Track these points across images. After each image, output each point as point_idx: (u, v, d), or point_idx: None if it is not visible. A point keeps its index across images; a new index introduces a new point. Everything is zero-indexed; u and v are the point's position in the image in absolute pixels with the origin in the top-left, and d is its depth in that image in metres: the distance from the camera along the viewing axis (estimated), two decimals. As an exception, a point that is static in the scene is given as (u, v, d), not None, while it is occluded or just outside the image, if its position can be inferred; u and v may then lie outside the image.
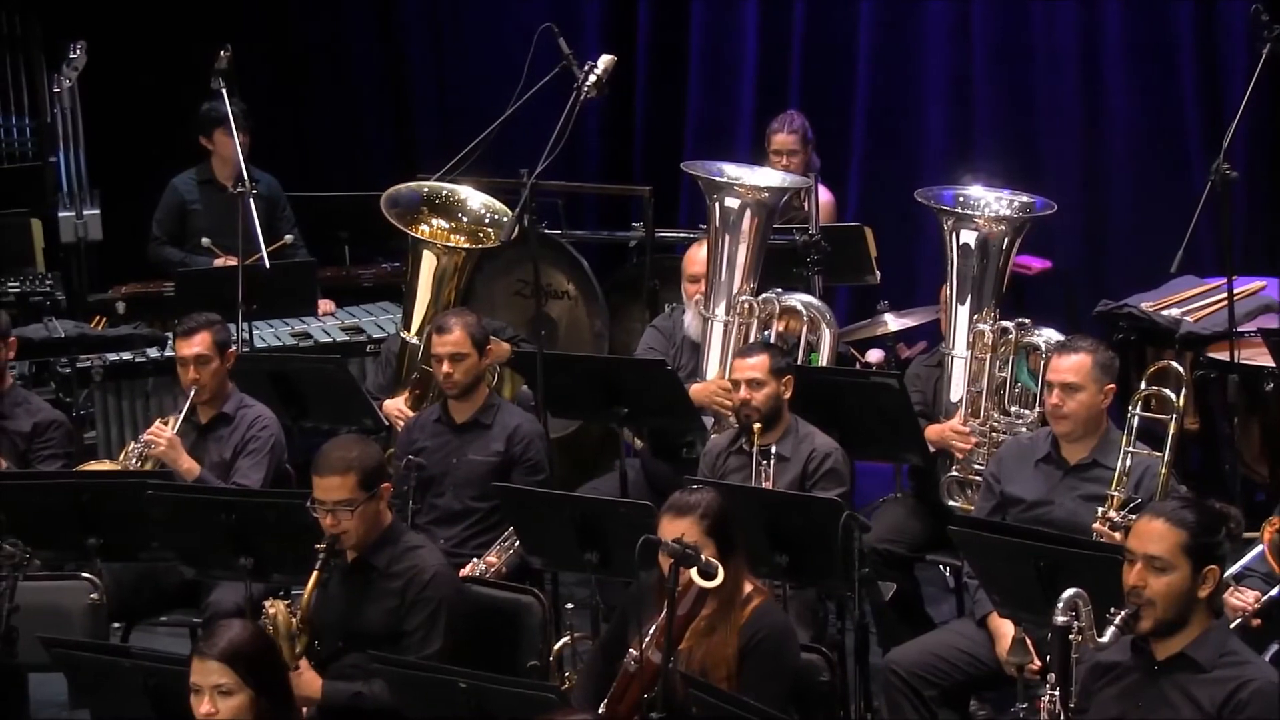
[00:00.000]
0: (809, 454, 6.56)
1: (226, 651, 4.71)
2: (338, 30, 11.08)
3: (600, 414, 7.33)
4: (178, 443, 6.96)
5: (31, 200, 9.54)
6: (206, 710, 4.70)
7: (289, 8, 11.08)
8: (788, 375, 6.61)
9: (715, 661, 5.30)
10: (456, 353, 6.89)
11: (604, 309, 8.72)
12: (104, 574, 6.42)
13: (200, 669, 4.73)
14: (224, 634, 4.78)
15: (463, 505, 6.90)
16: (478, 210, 7.89)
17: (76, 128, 9.81)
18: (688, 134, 10.11)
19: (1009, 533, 5.59)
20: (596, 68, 7.25)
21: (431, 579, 5.73)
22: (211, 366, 7.07)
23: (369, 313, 9.02)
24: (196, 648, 4.80)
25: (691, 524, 5.27)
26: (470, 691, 5.02)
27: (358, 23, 11.08)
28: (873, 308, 8.32)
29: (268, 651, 4.92)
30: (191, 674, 4.75)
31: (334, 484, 5.69)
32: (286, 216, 9.21)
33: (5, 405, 7.22)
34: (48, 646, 5.46)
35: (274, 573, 6.19)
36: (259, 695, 4.72)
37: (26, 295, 9.02)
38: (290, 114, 10.86)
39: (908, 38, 9.64)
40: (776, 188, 7.45)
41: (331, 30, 11.08)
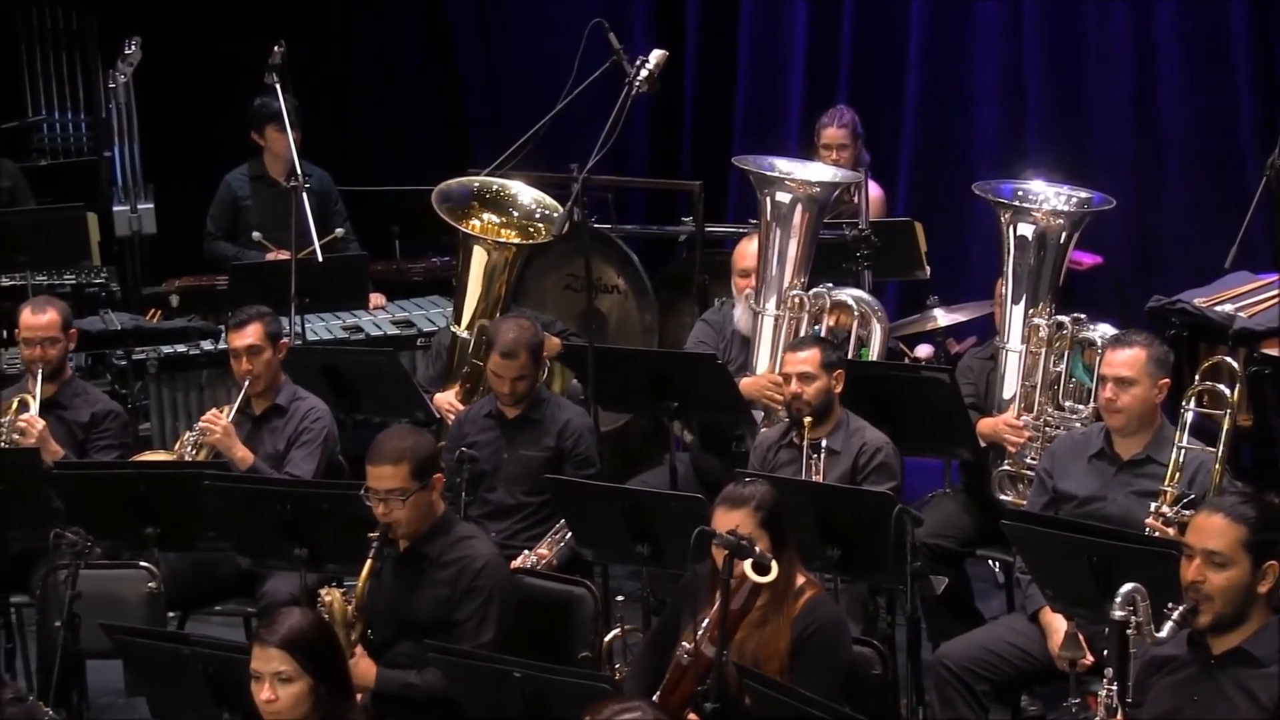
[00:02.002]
0: (860, 448, 6.56)
1: (287, 639, 4.75)
2: (389, 26, 11.13)
3: (650, 408, 7.35)
4: (232, 430, 7.01)
5: (87, 194, 9.59)
6: (267, 697, 4.74)
7: (340, 4, 11.13)
8: (838, 369, 6.62)
9: (767, 654, 5.31)
10: (521, 375, 6.93)
11: (653, 303, 8.74)
12: (160, 563, 6.48)
13: (261, 656, 4.77)
14: (284, 621, 4.83)
15: (514, 500, 6.94)
16: (528, 205, 7.93)
17: (131, 123, 9.88)
18: (736, 129, 10.13)
19: (1063, 527, 5.59)
20: (648, 63, 7.28)
21: (483, 568, 5.78)
22: (263, 357, 7.11)
23: (419, 306, 9.07)
24: (257, 635, 4.84)
25: (746, 516, 5.29)
26: (524, 681, 5.06)
27: (409, 18, 11.13)
28: (922, 303, 8.31)
29: (327, 639, 4.96)
30: (252, 661, 4.79)
31: (387, 473, 5.74)
32: (338, 211, 9.27)
33: (64, 395, 7.30)
34: (109, 633, 5.53)
35: (328, 563, 6.25)
36: (318, 682, 4.76)
37: (82, 288, 9.07)
38: (341, 109, 10.91)
39: (959, 32, 9.62)
40: (828, 182, 7.45)
41: (382, 26, 11.13)
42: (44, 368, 7.19)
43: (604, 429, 7.64)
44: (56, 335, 7.25)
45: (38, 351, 7.21)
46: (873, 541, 5.85)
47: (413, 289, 9.36)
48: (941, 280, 8.59)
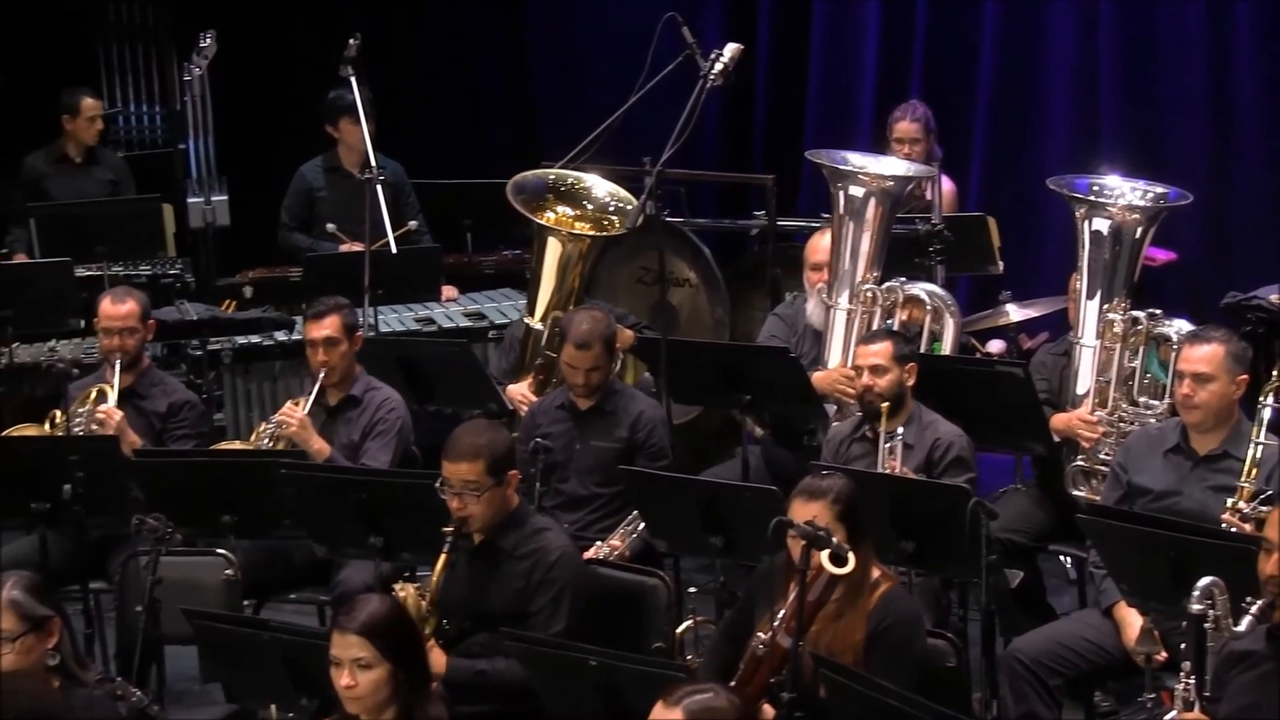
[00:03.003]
0: (934, 442, 6.56)
1: (366, 625, 4.79)
2: (463, 19, 11.18)
3: (723, 401, 7.38)
4: (308, 423, 7.07)
5: (162, 186, 9.69)
6: (347, 683, 4.78)
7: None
8: (911, 362, 6.62)
9: (842, 646, 5.32)
10: (595, 366, 6.97)
11: (725, 297, 8.75)
12: (236, 551, 6.52)
13: (340, 642, 4.81)
14: (364, 608, 4.87)
15: (587, 490, 6.97)
16: (602, 198, 7.95)
17: (206, 115, 9.96)
18: (808, 123, 10.13)
19: (1140, 522, 5.58)
20: (723, 56, 7.29)
21: (557, 560, 5.81)
22: (340, 349, 7.17)
23: (491, 299, 9.11)
24: (336, 622, 4.88)
25: (823, 508, 5.30)
26: (600, 670, 5.07)
27: (482, 11, 11.17)
28: (994, 298, 8.30)
29: (406, 626, 5.00)
30: (332, 647, 4.83)
31: (462, 469, 5.77)
32: (411, 203, 9.32)
33: (142, 385, 7.36)
34: (189, 618, 5.58)
35: (403, 552, 6.29)
36: (397, 668, 4.80)
37: (157, 278, 9.15)
38: (414, 102, 10.96)
39: (1033, 26, 9.60)
40: (901, 176, 7.45)
41: (456, 19, 11.18)
42: (122, 358, 7.25)
43: (675, 422, 7.64)
44: (135, 326, 7.32)
45: (116, 341, 7.28)
46: (947, 535, 5.85)
47: (484, 281, 9.41)
48: (1012, 275, 8.57)
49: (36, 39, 10.63)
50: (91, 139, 9.82)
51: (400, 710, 4.82)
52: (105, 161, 9.99)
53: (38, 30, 10.71)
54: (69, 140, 9.83)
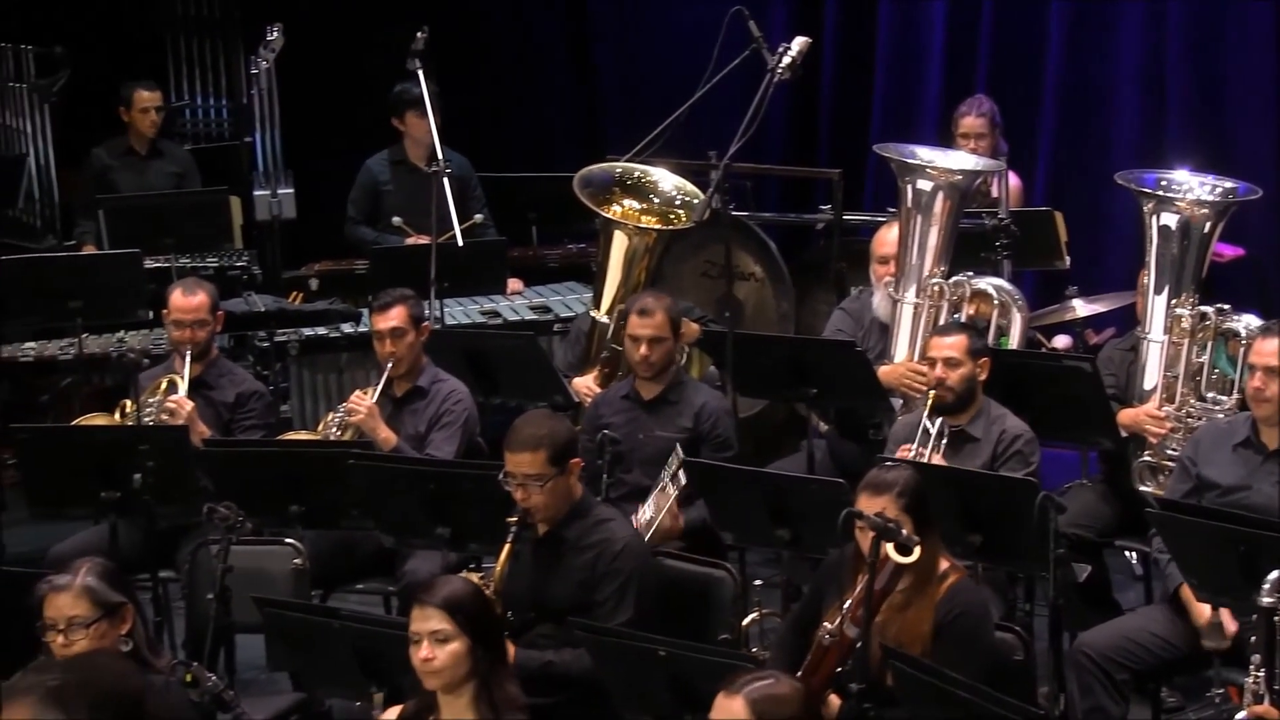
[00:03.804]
0: (999, 435, 6.55)
1: (446, 599, 4.82)
2: (527, 12, 11.21)
3: (789, 394, 7.38)
4: (376, 412, 7.10)
5: (228, 179, 9.75)
6: (425, 655, 4.80)
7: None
8: (984, 356, 6.61)
9: (910, 638, 5.32)
10: (657, 336, 6.97)
11: (790, 291, 8.75)
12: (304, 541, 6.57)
13: (420, 616, 4.83)
14: (443, 585, 4.93)
15: (650, 481, 6.95)
16: (669, 192, 7.96)
17: (273, 109, 10.02)
18: (874, 117, 10.12)
19: (1210, 516, 5.56)
20: (791, 50, 7.30)
21: (622, 550, 5.82)
22: (406, 340, 7.21)
23: (556, 292, 9.15)
24: (416, 598, 4.90)
25: (890, 501, 5.30)
26: (669, 660, 5.08)
27: (547, 5, 11.20)
28: (1060, 293, 8.27)
29: (484, 603, 5.02)
30: (411, 624, 4.85)
31: (525, 459, 5.79)
32: (477, 196, 9.36)
33: (211, 376, 7.42)
34: (260, 606, 5.62)
35: (470, 542, 6.31)
36: (475, 644, 4.82)
37: (224, 270, 9.20)
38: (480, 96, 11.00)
39: (1100, 22, 9.56)
40: (970, 170, 7.44)
41: (521, 12, 11.21)
42: (192, 349, 7.31)
43: (740, 415, 7.65)
44: (205, 317, 7.37)
45: (187, 333, 7.33)
46: (1014, 528, 5.84)
47: (549, 275, 9.46)
48: (1079, 271, 8.55)
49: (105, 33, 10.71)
50: (147, 130, 9.87)
51: (478, 686, 4.83)
52: (170, 154, 10.06)
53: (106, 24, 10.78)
54: (132, 133, 9.91)
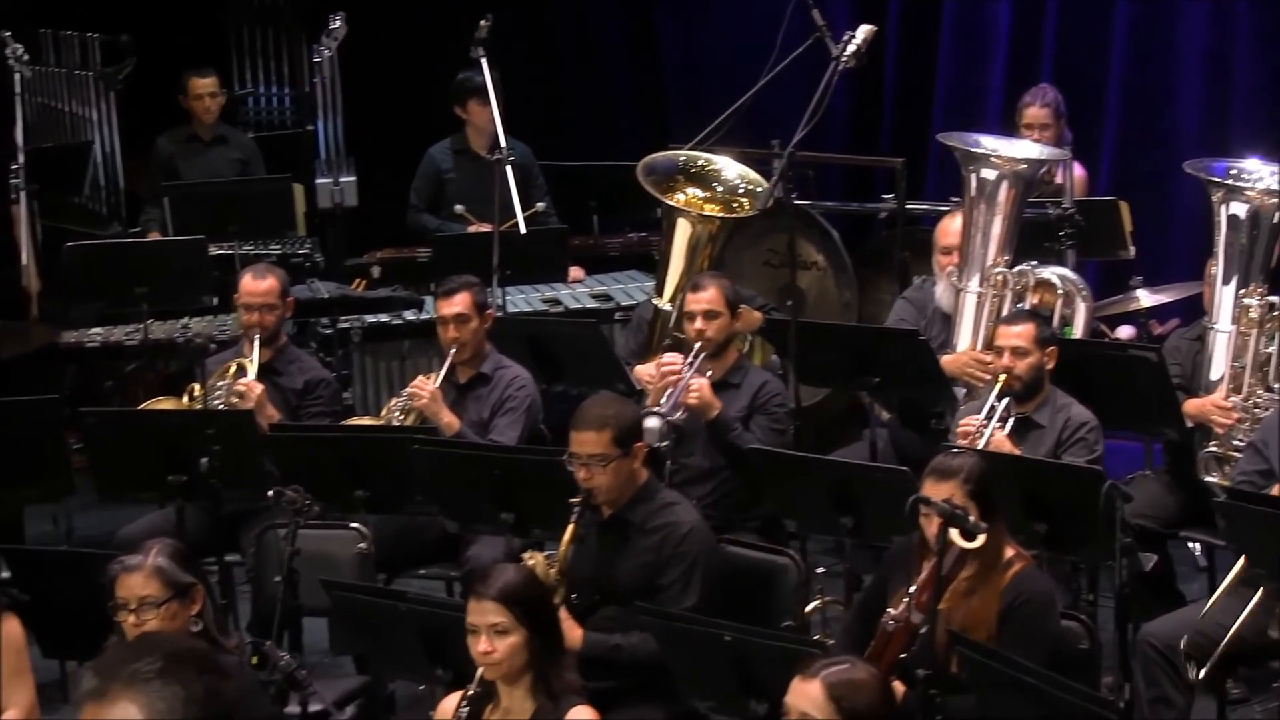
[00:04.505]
0: (1064, 422, 6.54)
1: (503, 592, 4.84)
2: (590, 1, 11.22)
3: (852, 383, 7.37)
4: (439, 396, 7.13)
5: (291, 167, 9.79)
6: (484, 648, 4.82)
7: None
8: (1051, 345, 6.59)
9: (975, 624, 5.32)
10: (711, 310, 6.98)
11: (853, 280, 8.74)
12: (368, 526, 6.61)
13: (477, 609, 4.85)
14: (500, 576, 4.92)
15: (711, 463, 6.97)
16: (732, 180, 7.95)
17: (335, 97, 10.07)
18: (937, 106, 10.10)
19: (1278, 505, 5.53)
20: (856, 37, 7.29)
21: (688, 534, 5.83)
22: (470, 326, 7.23)
23: (617, 281, 9.15)
24: (473, 589, 4.92)
25: (955, 487, 5.29)
26: (734, 645, 5.09)
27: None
28: (1124, 283, 8.23)
29: (541, 594, 5.05)
30: (468, 614, 4.88)
31: (589, 439, 5.81)
32: (538, 185, 9.38)
33: (279, 362, 7.45)
34: (328, 589, 5.65)
35: (534, 528, 6.32)
36: (533, 635, 4.84)
37: (287, 257, 9.22)
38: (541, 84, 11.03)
39: (1165, 11, 9.52)
40: (1035, 159, 7.42)
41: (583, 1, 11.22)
42: (261, 334, 7.35)
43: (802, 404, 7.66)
44: (275, 302, 7.41)
45: (256, 317, 7.37)
46: (1080, 517, 5.82)
47: (610, 263, 9.47)
48: (1143, 261, 8.51)
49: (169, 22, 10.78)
50: (205, 116, 9.92)
51: (536, 676, 4.86)
52: (234, 141, 10.12)
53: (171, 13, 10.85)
54: (195, 121, 9.96)
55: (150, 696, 2.50)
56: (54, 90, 10.47)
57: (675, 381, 6.87)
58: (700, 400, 6.83)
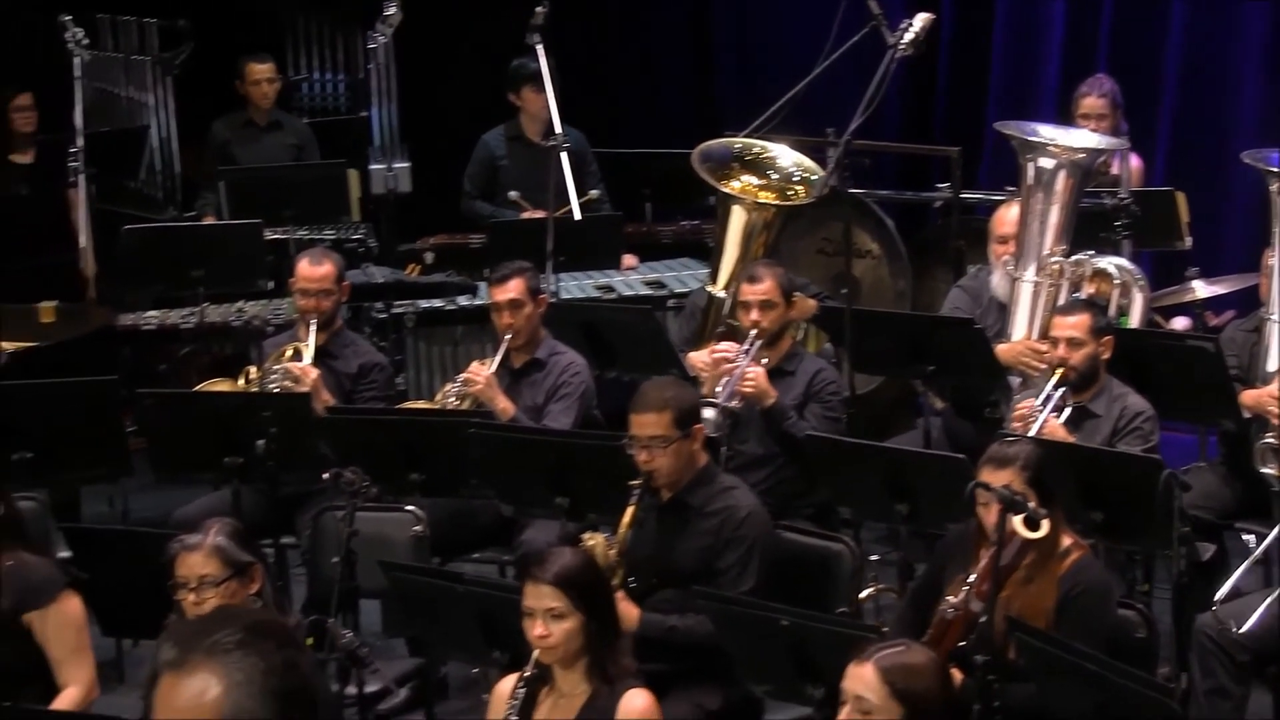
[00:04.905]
0: (1120, 411, 6.53)
1: (560, 576, 4.85)
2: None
3: (906, 371, 7.37)
4: (494, 382, 7.14)
5: (345, 153, 9.82)
6: (540, 632, 4.83)
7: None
8: (1107, 335, 6.57)
9: (1032, 613, 5.30)
10: (766, 300, 6.98)
11: (907, 269, 8.73)
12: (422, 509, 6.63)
13: (534, 593, 4.87)
14: (556, 559, 4.93)
15: (765, 450, 6.97)
16: (788, 168, 7.94)
17: (390, 84, 10.09)
18: (991, 95, 10.06)
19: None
20: (913, 26, 7.27)
21: (746, 517, 5.85)
22: (524, 311, 7.24)
23: (670, 268, 9.16)
24: (529, 572, 4.93)
25: (1014, 474, 5.28)
26: (791, 629, 5.10)
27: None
28: (1179, 274, 8.20)
29: (597, 578, 5.06)
30: (525, 598, 4.89)
31: (649, 420, 5.83)
32: (592, 172, 9.38)
33: (334, 346, 7.47)
34: (385, 570, 5.67)
35: (589, 512, 6.34)
36: (589, 619, 4.85)
37: (341, 242, 9.23)
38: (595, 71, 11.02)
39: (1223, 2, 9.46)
40: (1093, 149, 7.38)
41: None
42: (318, 318, 7.38)
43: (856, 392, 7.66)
44: (331, 287, 7.42)
45: (313, 302, 7.39)
46: (1137, 506, 5.81)
47: (663, 251, 9.46)
48: (1199, 251, 8.47)
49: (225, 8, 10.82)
50: (261, 102, 9.95)
51: (592, 660, 4.87)
52: (289, 127, 10.15)
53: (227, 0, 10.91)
54: (250, 106, 10.00)
55: (229, 667, 2.50)
56: (111, 75, 10.52)
57: (731, 370, 6.88)
58: (756, 389, 6.84)
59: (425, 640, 6.15)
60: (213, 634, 2.53)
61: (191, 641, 2.53)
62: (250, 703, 2.50)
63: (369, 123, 10.26)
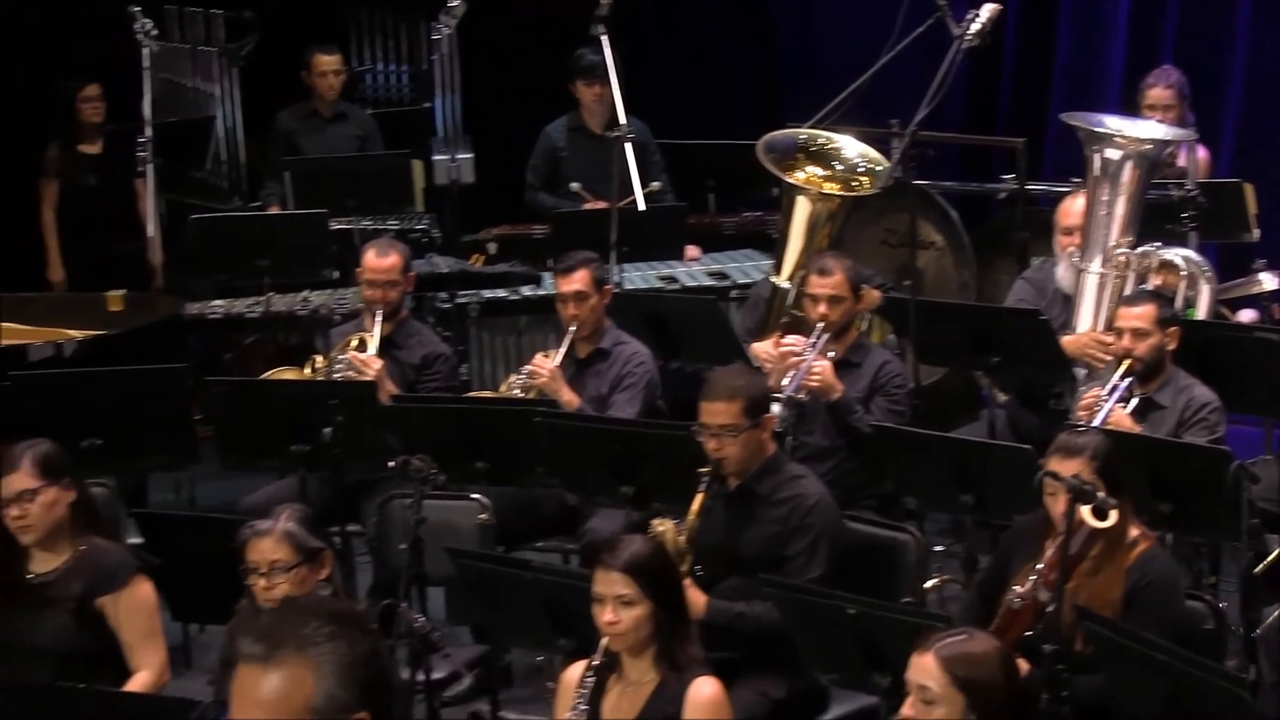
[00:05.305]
0: (1186, 402, 6.50)
1: (630, 563, 4.86)
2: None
3: (971, 362, 7.35)
4: (559, 374, 7.16)
5: (408, 144, 9.85)
6: (609, 619, 4.85)
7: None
8: (1173, 326, 6.55)
9: (1099, 604, 5.28)
10: (835, 295, 6.97)
11: (971, 260, 8.71)
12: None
13: (604, 579, 4.88)
14: (627, 546, 4.95)
15: (830, 442, 6.97)
16: (853, 158, 7.92)
17: (453, 75, 10.12)
18: (1055, 86, 10.01)
19: None
20: (980, 16, 7.26)
21: (814, 506, 5.86)
22: (589, 302, 7.26)
23: (733, 259, 9.16)
24: (599, 559, 4.95)
25: (1082, 464, 5.27)
26: (859, 618, 5.10)
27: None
28: (1246, 267, 8.15)
29: (667, 565, 5.07)
30: (595, 584, 4.90)
31: (719, 409, 5.85)
32: (655, 162, 9.38)
33: (399, 336, 7.50)
34: (453, 557, 5.70)
35: (654, 501, 6.35)
36: (658, 607, 4.86)
37: (405, 232, 9.26)
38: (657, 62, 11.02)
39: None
40: (1160, 140, 7.35)
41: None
42: (384, 309, 7.41)
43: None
44: (397, 278, 7.45)
45: (379, 293, 7.42)
46: (1205, 498, 5.79)
47: (726, 242, 9.46)
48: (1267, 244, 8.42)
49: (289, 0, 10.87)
50: (327, 93, 9.98)
51: (661, 647, 4.89)
52: (353, 117, 10.18)
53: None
54: (315, 97, 10.05)
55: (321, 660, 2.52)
56: (179, 66, 10.58)
57: (798, 363, 6.88)
58: (823, 383, 6.84)
59: (491, 628, 6.16)
60: (300, 627, 2.54)
61: (278, 635, 2.55)
62: (340, 693, 2.53)
63: (432, 114, 10.30)
